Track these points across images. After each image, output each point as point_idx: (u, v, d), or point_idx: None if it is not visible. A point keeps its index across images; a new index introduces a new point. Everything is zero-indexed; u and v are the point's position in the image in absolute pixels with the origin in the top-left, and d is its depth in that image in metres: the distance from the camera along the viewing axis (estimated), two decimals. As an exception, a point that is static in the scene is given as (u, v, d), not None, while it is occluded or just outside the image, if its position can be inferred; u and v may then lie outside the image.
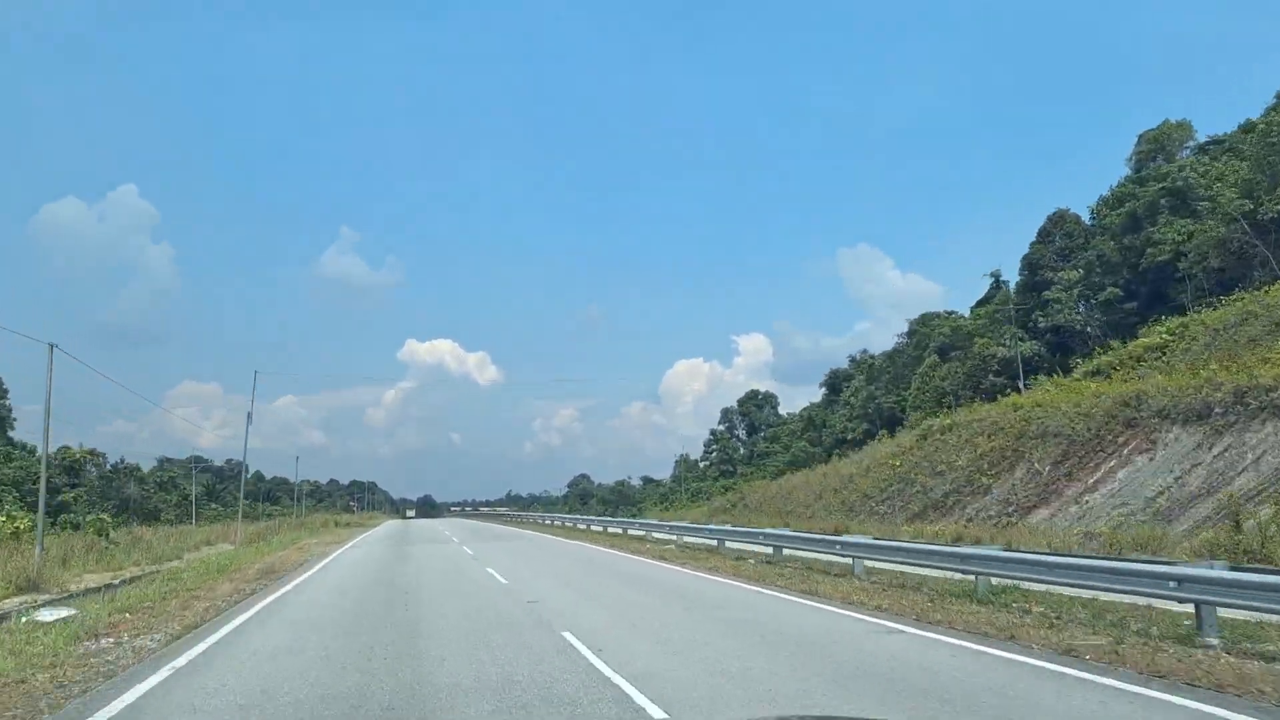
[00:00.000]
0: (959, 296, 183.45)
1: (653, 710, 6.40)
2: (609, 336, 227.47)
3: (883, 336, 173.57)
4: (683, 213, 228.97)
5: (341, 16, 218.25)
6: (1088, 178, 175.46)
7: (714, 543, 24.27)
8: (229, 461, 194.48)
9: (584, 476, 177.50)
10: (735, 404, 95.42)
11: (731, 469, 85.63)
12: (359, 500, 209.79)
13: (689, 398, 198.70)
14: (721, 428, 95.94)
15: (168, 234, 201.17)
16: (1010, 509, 26.45)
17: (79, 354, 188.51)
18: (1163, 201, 39.82)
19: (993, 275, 57.46)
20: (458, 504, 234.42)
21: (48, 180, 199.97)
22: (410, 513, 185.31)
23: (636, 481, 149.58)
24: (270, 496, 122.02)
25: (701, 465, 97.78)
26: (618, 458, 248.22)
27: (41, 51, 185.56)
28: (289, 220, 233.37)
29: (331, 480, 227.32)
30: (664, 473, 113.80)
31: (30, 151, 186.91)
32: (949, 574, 13.00)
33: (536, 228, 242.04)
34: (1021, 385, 41.80)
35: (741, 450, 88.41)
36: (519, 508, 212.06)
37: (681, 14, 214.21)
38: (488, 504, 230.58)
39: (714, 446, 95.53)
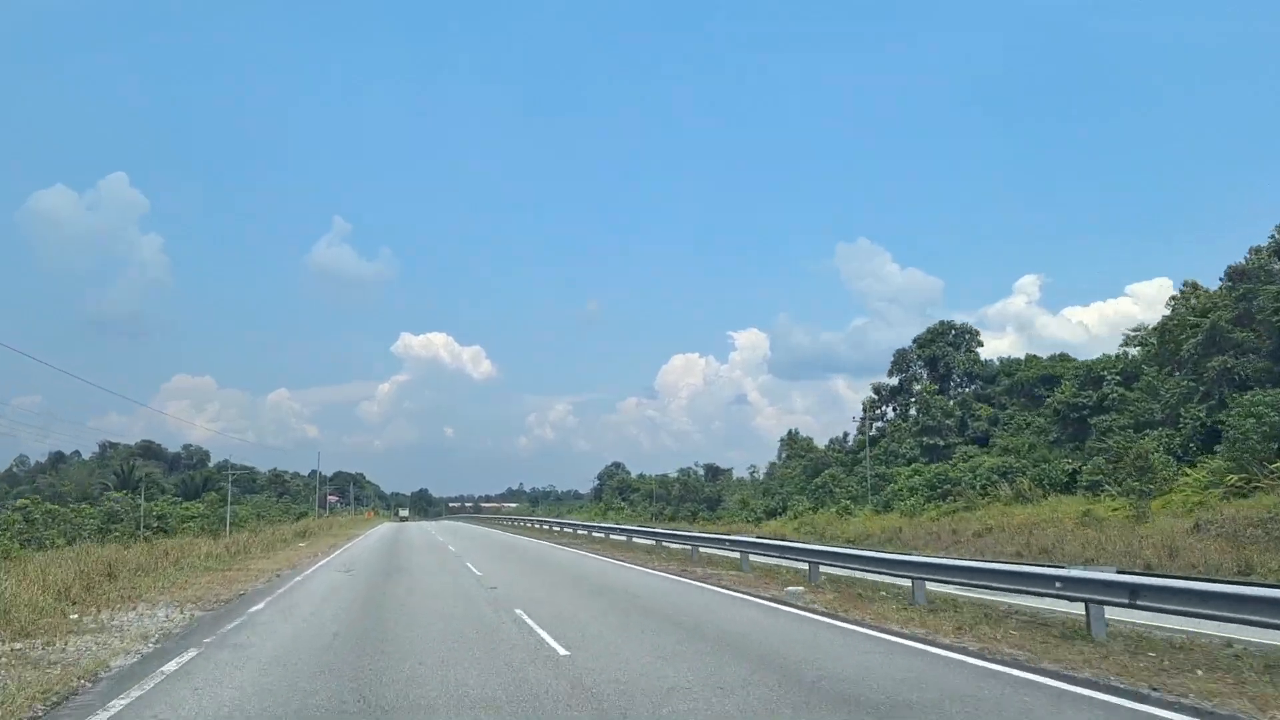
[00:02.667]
0: (962, 291, 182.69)
1: None
2: (606, 331, 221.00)
3: (881, 331, 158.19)
4: (680, 208, 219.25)
5: (337, 7, 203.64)
6: (1088, 171, 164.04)
7: None
8: (187, 448, 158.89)
9: (618, 466, 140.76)
10: (912, 344, 59.41)
11: (943, 445, 49.89)
12: (343, 496, 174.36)
13: (685, 393, 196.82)
14: (893, 381, 59.92)
15: (158, 223, 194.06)
16: None
17: (69, 345, 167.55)
18: None
19: None
20: (456, 499, 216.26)
21: (37, 167, 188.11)
22: (404, 512, 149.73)
23: (700, 470, 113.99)
24: (198, 490, 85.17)
25: (855, 439, 61.93)
26: (614, 452, 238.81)
27: (31, 38, 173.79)
28: (281, 210, 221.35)
29: (314, 472, 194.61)
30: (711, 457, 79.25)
31: (19, 138, 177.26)
32: None
33: (535, 222, 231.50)
34: None
35: (952, 416, 52.09)
36: (525, 506, 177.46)
37: (678, 10, 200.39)
38: (488, 499, 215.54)
39: (886, 407, 59.67)
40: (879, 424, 59.72)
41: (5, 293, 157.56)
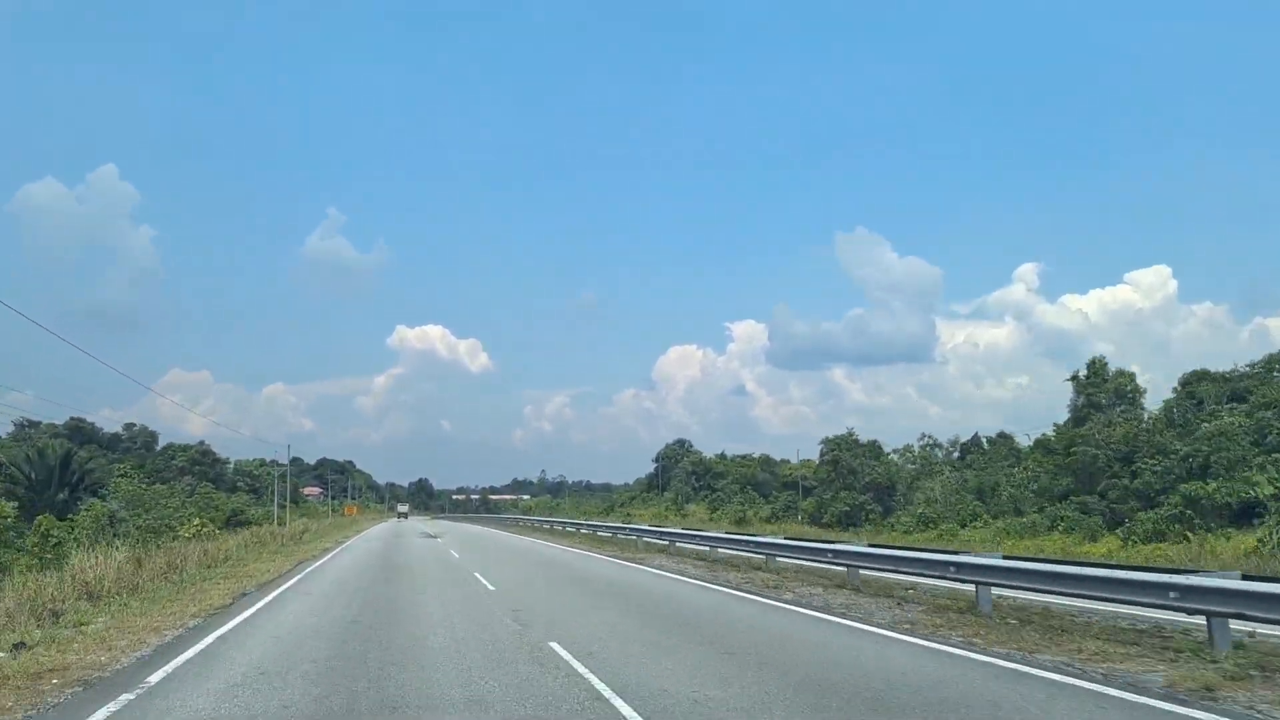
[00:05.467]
0: (961, 280, 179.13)
1: None
2: (603, 323, 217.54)
3: (881, 321, 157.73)
4: (677, 199, 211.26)
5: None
6: (1086, 158, 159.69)
7: None
8: (129, 428, 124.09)
9: (684, 445, 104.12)
10: None
11: None
12: (327, 486, 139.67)
13: (682, 384, 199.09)
14: None
15: (148, 216, 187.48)
16: None
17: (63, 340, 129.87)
18: None
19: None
20: (459, 491, 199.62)
21: (26, 160, 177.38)
22: (403, 507, 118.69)
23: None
24: (47, 481, 49.67)
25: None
26: (609, 444, 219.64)
27: (20, 28, 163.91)
28: (275, 202, 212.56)
29: (296, 460, 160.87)
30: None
31: (8, 130, 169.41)
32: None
33: (531, 214, 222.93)
34: None
35: None
36: (546, 499, 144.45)
37: (674, 2, 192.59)
38: (493, 490, 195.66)
39: None
40: None
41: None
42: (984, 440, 67.54)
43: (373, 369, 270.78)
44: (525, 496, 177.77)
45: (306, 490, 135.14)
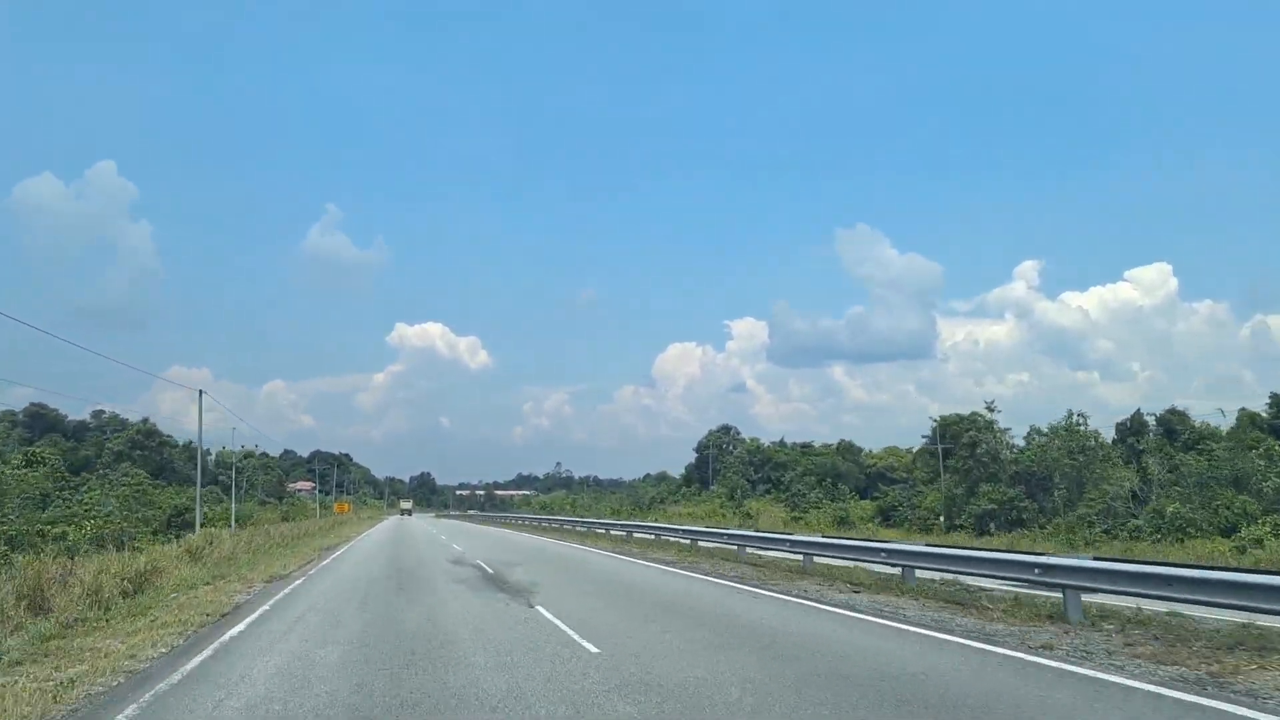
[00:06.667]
0: (961, 277, 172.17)
1: None
2: (603, 321, 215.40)
3: (881, 318, 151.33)
4: (677, 197, 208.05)
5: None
6: (1090, 156, 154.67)
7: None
8: (98, 415, 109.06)
9: (729, 433, 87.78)
10: None
11: None
12: (320, 480, 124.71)
13: (682, 381, 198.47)
14: None
15: (147, 212, 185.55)
16: None
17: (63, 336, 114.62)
18: None
19: None
20: (462, 487, 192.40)
21: (24, 156, 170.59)
22: (406, 504, 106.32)
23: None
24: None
25: None
26: (609, 441, 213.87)
27: (20, 27, 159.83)
28: (274, 198, 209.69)
29: (287, 453, 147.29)
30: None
31: (6, 127, 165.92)
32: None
33: (531, 212, 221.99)
34: None
35: None
36: (561, 495, 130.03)
37: (675, 2, 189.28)
38: (498, 486, 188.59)
39: None
40: None
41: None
42: (1150, 420, 53.42)
43: (373, 366, 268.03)
44: (531, 492, 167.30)
45: (298, 485, 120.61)
